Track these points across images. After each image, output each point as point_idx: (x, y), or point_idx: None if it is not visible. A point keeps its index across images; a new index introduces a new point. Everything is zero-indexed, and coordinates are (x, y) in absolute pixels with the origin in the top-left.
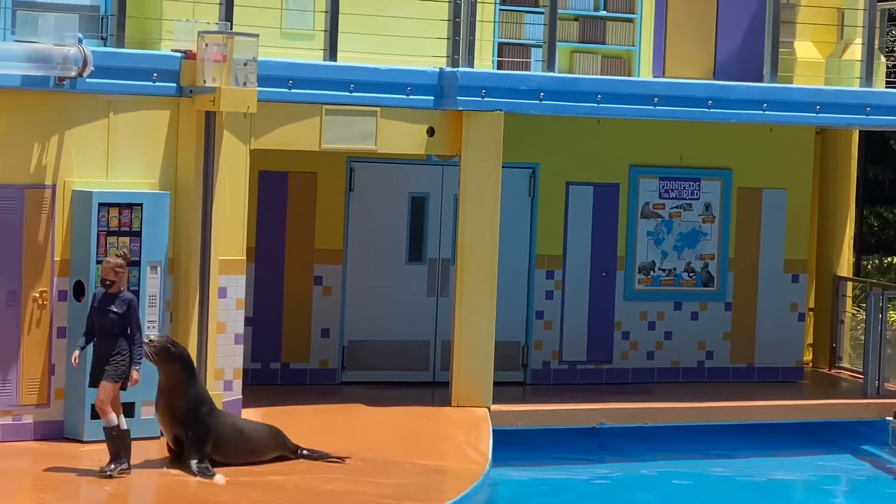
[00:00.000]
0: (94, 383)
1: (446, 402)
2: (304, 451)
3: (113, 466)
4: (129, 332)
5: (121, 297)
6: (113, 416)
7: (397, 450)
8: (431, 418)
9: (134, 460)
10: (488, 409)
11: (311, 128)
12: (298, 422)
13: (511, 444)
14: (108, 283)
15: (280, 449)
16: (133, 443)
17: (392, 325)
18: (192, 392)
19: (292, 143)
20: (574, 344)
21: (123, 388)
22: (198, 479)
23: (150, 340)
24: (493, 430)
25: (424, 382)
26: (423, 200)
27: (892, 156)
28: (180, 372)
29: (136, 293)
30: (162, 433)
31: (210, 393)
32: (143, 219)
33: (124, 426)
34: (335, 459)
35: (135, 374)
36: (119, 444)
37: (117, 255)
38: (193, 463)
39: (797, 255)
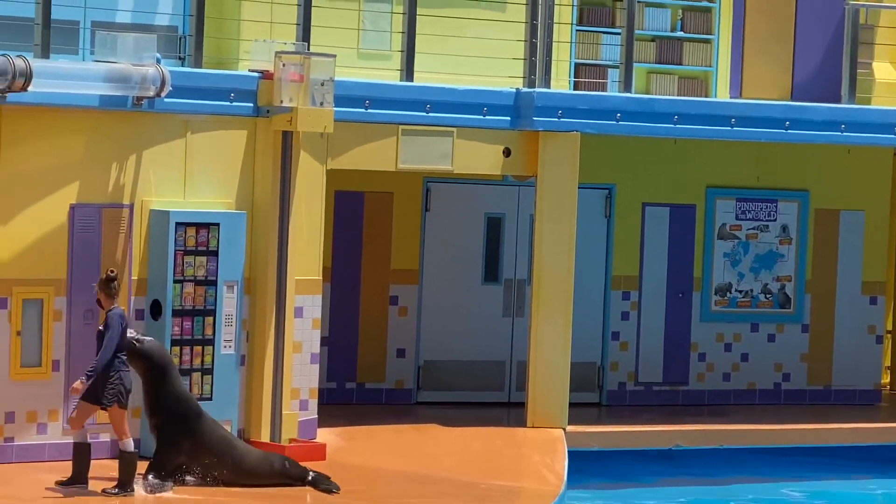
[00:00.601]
0: (89, 399)
1: (522, 422)
2: (310, 477)
3: (117, 491)
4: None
5: (108, 314)
6: (128, 440)
7: (472, 470)
8: (507, 439)
9: None
10: (564, 430)
11: (387, 148)
12: (374, 442)
13: (587, 466)
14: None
15: (276, 475)
16: None
17: (468, 345)
18: (167, 391)
19: (369, 163)
20: (650, 365)
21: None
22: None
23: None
24: (569, 452)
25: (500, 403)
26: (499, 221)
27: None
28: (147, 370)
29: (213, 312)
30: None
31: (285, 412)
32: (219, 238)
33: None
34: (327, 488)
35: (77, 384)
36: (131, 468)
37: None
38: (150, 476)
39: (875, 276)
